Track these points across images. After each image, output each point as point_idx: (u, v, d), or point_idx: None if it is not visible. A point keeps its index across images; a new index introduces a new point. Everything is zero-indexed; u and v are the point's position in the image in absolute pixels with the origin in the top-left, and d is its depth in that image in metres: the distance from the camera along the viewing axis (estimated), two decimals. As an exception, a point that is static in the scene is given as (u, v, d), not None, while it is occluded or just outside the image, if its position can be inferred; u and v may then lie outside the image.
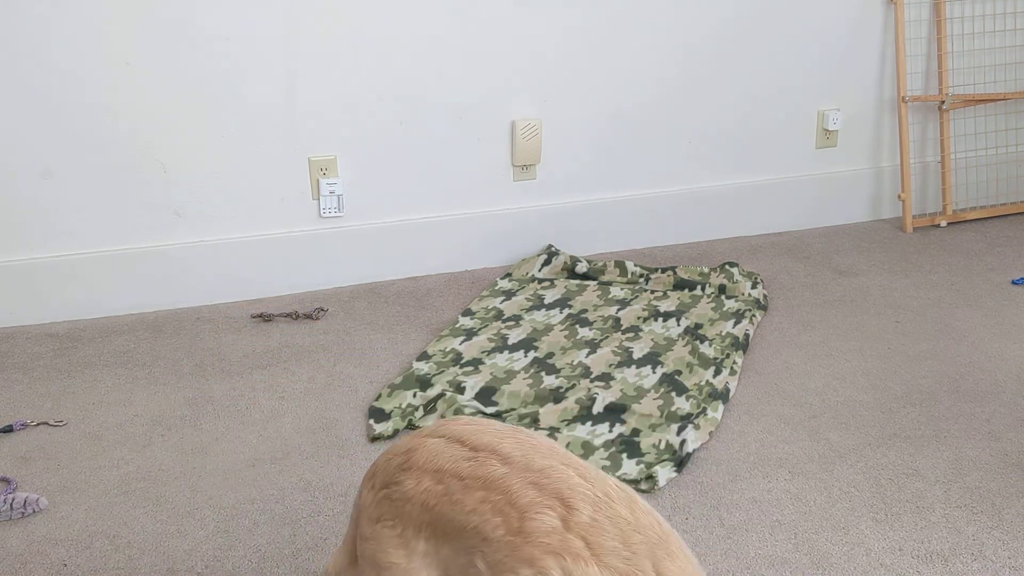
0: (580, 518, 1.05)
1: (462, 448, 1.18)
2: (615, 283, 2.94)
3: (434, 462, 1.18)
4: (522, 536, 1.06)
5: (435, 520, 1.15)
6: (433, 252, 3.08)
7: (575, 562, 1.02)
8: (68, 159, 2.69)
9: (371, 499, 1.22)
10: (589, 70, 3.08)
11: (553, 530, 1.05)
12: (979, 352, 2.49)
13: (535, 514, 1.07)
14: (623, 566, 1.01)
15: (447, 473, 1.15)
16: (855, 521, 1.83)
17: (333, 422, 2.21)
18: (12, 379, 2.45)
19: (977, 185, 3.59)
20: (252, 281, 2.93)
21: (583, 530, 1.05)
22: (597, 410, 2.20)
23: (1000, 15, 3.45)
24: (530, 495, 1.09)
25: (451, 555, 1.14)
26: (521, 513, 1.08)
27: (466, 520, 1.11)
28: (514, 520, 1.07)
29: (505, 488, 1.11)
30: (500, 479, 1.12)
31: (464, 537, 1.12)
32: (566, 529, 1.05)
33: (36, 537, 1.83)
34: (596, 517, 1.06)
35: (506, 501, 1.09)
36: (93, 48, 2.62)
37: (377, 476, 1.23)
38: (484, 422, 1.24)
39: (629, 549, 1.03)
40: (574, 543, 1.04)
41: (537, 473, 1.12)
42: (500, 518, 1.09)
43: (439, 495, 1.14)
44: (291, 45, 2.77)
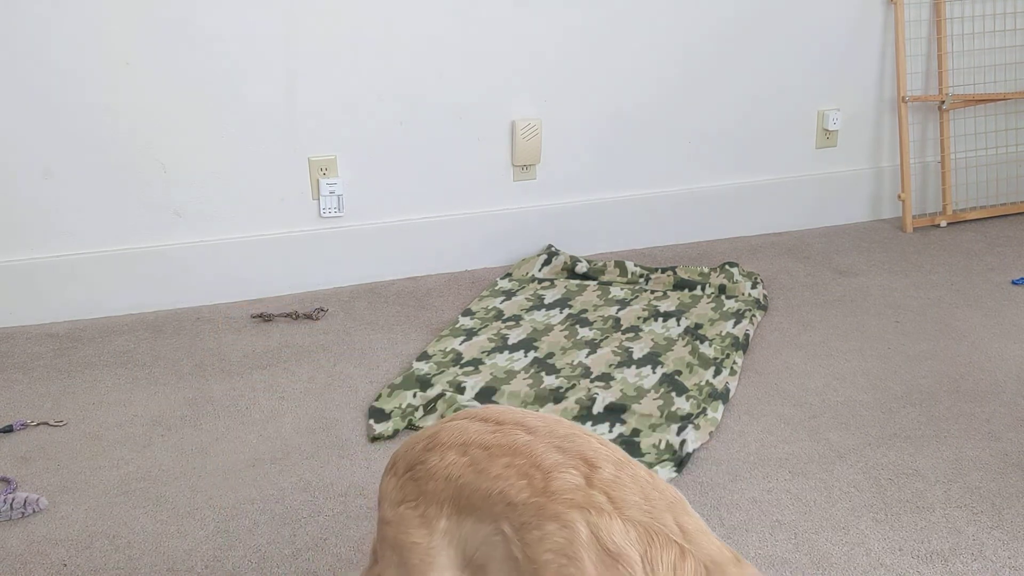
0: (603, 475, 1.07)
1: (487, 424, 1.19)
2: (615, 283, 2.94)
3: (459, 438, 1.18)
4: (547, 495, 1.07)
5: (458, 493, 1.14)
6: (433, 252, 3.08)
7: (599, 515, 1.03)
8: (68, 159, 2.69)
9: (393, 484, 1.21)
10: (589, 70, 3.08)
11: (577, 487, 1.06)
12: (979, 352, 2.49)
13: (559, 473, 1.08)
14: (645, 519, 1.03)
15: (472, 444, 1.16)
16: (855, 521, 1.83)
17: (333, 422, 2.21)
18: (12, 379, 2.45)
19: (977, 185, 3.59)
20: (252, 281, 2.93)
21: (606, 486, 1.06)
22: (597, 410, 2.20)
23: (1000, 15, 3.45)
24: (554, 457, 1.10)
25: (473, 528, 1.13)
26: (546, 474, 1.08)
27: (491, 486, 1.11)
28: (539, 481, 1.08)
29: (530, 452, 1.12)
30: (525, 445, 1.13)
31: (488, 505, 1.11)
32: (589, 486, 1.06)
33: (36, 537, 1.83)
34: (618, 475, 1.08)
35: (531, 464, 1.10)
36: (93, 48, 2.62)
37: (399, 463, 1.23)
38: (508, 407, 1.25)
39: (649, 503, 1.05)
40: (598, 498, 1.05)
41: (561, 439, 1.13)
42: (525, 480, 1.09)
43: (463, 466, 1.14)
44: (291, 45, 2.77)
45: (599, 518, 1.03)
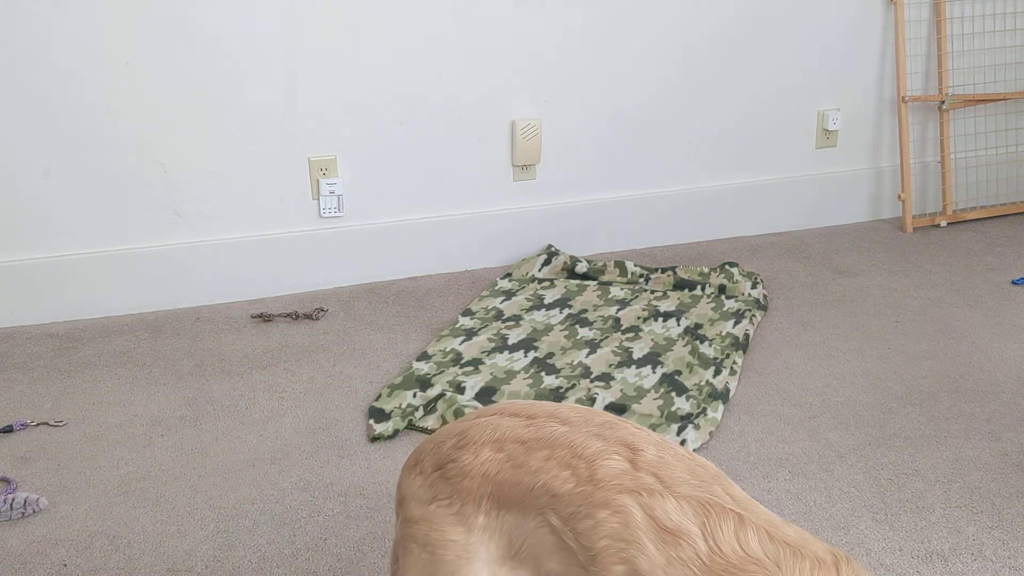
0: (647, 457, 1.07)
1: (519, 419, 1.17)
2: (615, 283, 2.94)
3: (492, 434, 1.16)
4: (593, 483, 1.06)
5: (497, 489, 1.12)
6: (433, 252, 3.08)
7: (651, 496, 1.03)
8: (68, 159, 2.69)
9: (421, 482, 1.19)
10: (589, 70, 3.08)
11: (624, 472, 1.06)
12: (979, 352, 2.49)
13: (603, 460, 1.07)
14: (697, 493, 1.03)
15: (507, 440, 1.14)
16: (855, 521, 1.83)
17: (333, 422, 2.21)
18: (12, 379, 2.45)
19: (977, 185, 3.59)
20: (252, 281, 2.93)
21: (652, 467, 1.06)
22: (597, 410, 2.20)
23: (1000, 15, 3.45)
24: (595, 445, 1.09)
25: (516, 522, 1.12)
26: (589, 462, 1.07)
27: (533, 480, 1.10)
28: (583, 470, 1.07)
29: (569, 443, 1.11)
30: (562, 436, 1.11)
31: (531, 498, 1.10)
32: (636, 469, 1.06)
33: (36, 537, 1.83)
34: (662, 455, 1.07)
35: (572, 454, 1.09)
36: (93, 48, 2.62)
37: (425, 461, 1.20)
38: (534, 401, 1.23)
39: (697, 479, 1.05)
40: (646, 479, 1.04)
41: (598, 427, 1.12)
42: (568, 471, 1.08)
43: (501, 462, 1.13)
44: (291, 45, 2.77)
45: (651, 499, 1.03)
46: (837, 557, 0.96)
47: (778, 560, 0.96)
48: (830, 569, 0.94)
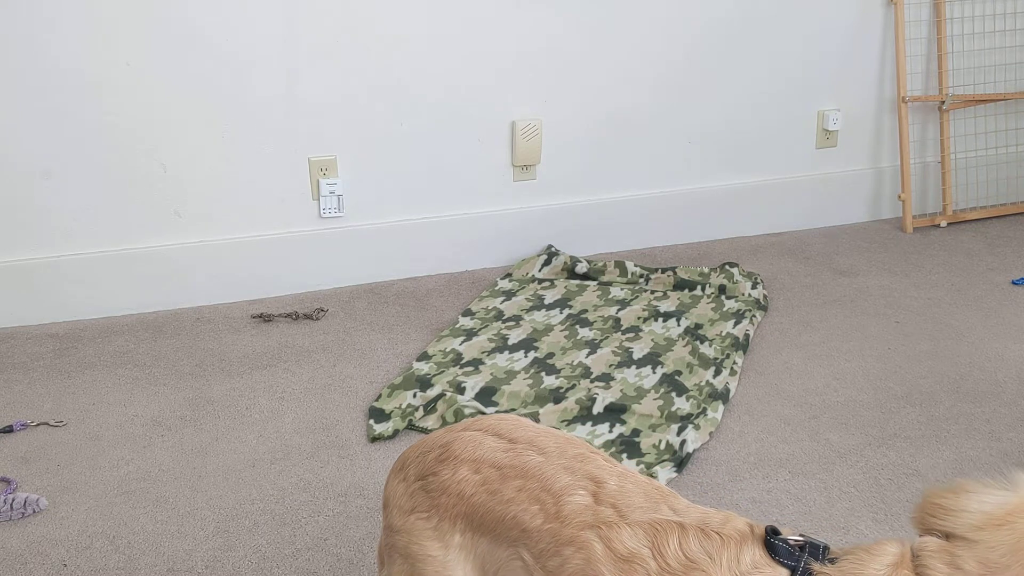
0: (609, 489, 1.13)
1: (500, 440, 1.21)
2: (615, 283, 2.94)
3: (472, 452, 1.20)
4: (559, 520, 1.11)
5: (472, 511, 1.16)
6: (433, 252, 3.08)
7: (609, 528, 1.09)
8: (68, 159, 2.69)
9: (403, 490, 1.22)
10: (589, 70, 3.08)
11: (586, 507, 1.12)
12: (979, 352, 2.49)
13: (569, 496, 1.13)
14: (647, 516, 1.10)
15: (485, 463, 1.18)
16: (855, 521, 1.83)
17: (333, 422, 2.21)
18: (12, 379, 2.45)
19: (977, 185, 3.59)
20: (252, 281, 2.92)
21: (612, 498, 1.12)
22: (597, 410, 2.20)
23: (1000, 15, 3.45)
24: (564, 480, 1.14)
25: (489, 548, 1.16)
26: (556, 498, 1.13)
27: (504, 510, 1.14)
28: (551, 506, 1.13)
29: (541, 476, 1.15)
30: (536, 467, 1.16)
31: (503, 528, 1.15)
32: (597, 502, 1.12)
33: (36, 537, 1.83)
34: (622, 485, 1.14)
35: (542, 488, 1.14)
36: (93, 48, 2.62)
37: (409, 468, 1.24)
38: (521, 420, 1.27)
39: (650, 500, 1.12)
40: (605, 512, 1.11)
41: (571, 459, 1.17)
42: (537, 506, 1.13)
43: (476, 484, 1.17)
44: (291, 45, 2.77)
45: (609, 531, 1.09)
46: (752, 526, 1.08)
47: (711, 552, 1.05)
48: (748, 537, 1.05)
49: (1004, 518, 0.99)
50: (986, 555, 0.98)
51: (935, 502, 1.04)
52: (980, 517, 1.00)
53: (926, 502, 1.05)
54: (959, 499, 1.02)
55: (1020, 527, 0.98)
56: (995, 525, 0.99)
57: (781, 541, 1.05)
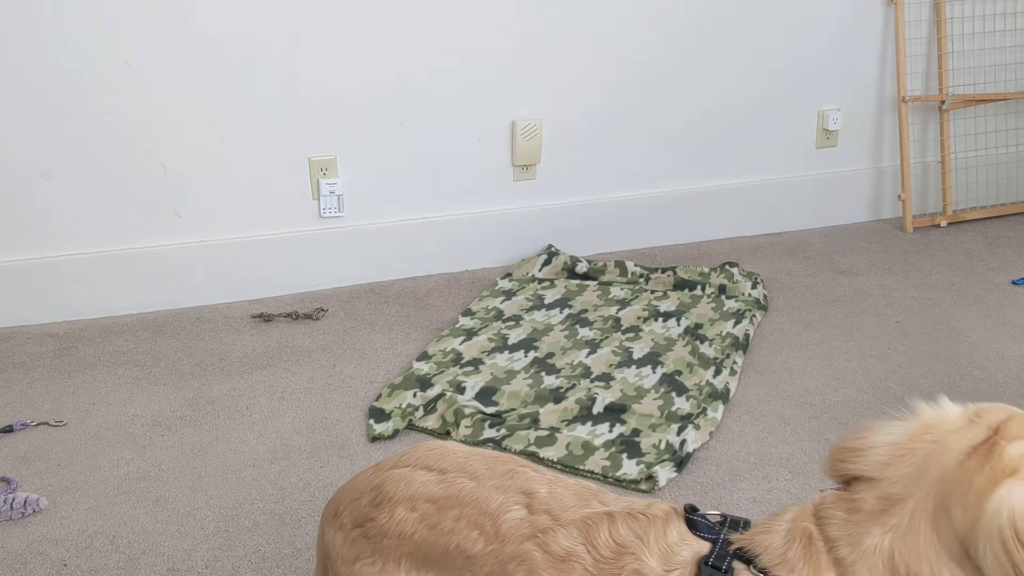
0: (541, 497, 1.14)
1: (430, 472, 1.20)
2: (615, 283, 2.94)
3: (405, 491, 1.19)
4: (500, 540, 1.12)
5: (415, 549, 1.16)
6: (433, 252, 3.08)
7: (545, 535, 1.11)
8: (68, 159, 2.69)
9: (343, 540, 1.21)
10: (589, 70, 3.08)
11: (522, 520, 1.13)
12: (979, 352, 2.49)
13: (505, 514, 1.13)
14: (579, 514, 1.11)
15: (419, 499, 1.17)
16: (855, 521, 1.82)
17: (333, 422, 2.21)
18: (12, 379, 2.45)
19: (977, 185, 3.59)
20: (252, 281, 2.92)
21: (545, 505, 1.13)
22: (597, 410, 2.20)
23: (1000, 15, 3.45)
24: (498, 499, 1.15)
25: None
26: (494, 519, 1.13)
27: (447, 541, 1.15)
28: (489, 528, 1.13)
29: (475, 500, 1.16)
30: (470, 493, 1.16)
31: (448, 559, 1.15)
32: (532, 513, 1.13)
33: (36, 537, 1.83)
34: (553, 490, 1.15)
35: (479, 512, 1.14)
36: (93, 48, 2.62)
37: (344, 516, 1.22)
38: (447, 446, 1.26)
39: (580, 499, 1.14)
40: (540, 520, 1.12)
41: (501, 477, 1.18)
42: (477, 531, 1.13)
43: (415, 522, 1.16)
44: (291, 45, 2.77)
45: (546, 536, 1.11)
46: (674, 507, 1.12)
47: (639, 533, 1.08)
48: (671, 515, 1.09)
49: (906, 446, 1.00)
50: (887, 490, 0.98)
51: (843, 447, 1.05)
52: (885, 451, 1.01)
53: (834, 449, 1.07)
54: (865, 439, 1.04)
55: (920, 453, 0.99)
56: (898, 456, 1.00)
57: (700, 517, 1.09)
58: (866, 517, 0.98)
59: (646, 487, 1.93)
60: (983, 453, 0.94)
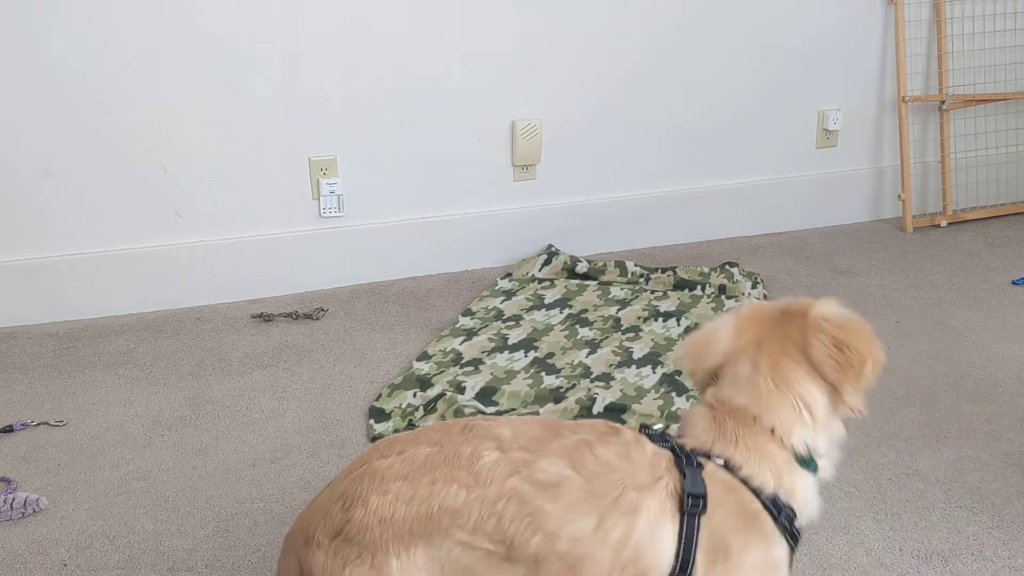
0: (506, 438, 1.20)
1: (390, 457, 1.21)
2: (615, 283, 2.94)
3: (371, 483, 1.19)
4: (481, 484, 1.16)
5: (399, 527, 1.16)
6: (433, 252, 3.08)
7: (527, 466, 1.17)
8: (68, 159, 2.69)
9: (323, 556, 1.18)
10: (589, 70, 3.08)
11: (498, 460, 1.18)
12: (979, 352, 2.49)
13: (479, 461, 1.18)
14: (556, 446, 1.20)
15: (388, 481, 1.18)
16: (855, 521, 1.83)
17: (333, 422, 2.21)
18: (12, 379, 2.45)
19: (977, 185, 3.59)
20: (252, 281, 2.92)
21: (516, 443, 1.20)
22: (597, 410, 2.20)
23: (1000, 15, 3.45)
24: (467, 451, 1.19)
25: (427, 553, 1.16)
26: (469, 469, 1.17)
27: (428, 507, 1.16)
28: (466, 478, 1.17)
29: (443, 460, 1.19)
30: (436, 456, 1.19)
31: (434, 523, 1.16)
32: (505, 452, 1.18)
33: (36, 537, 1.83)
34: (516, 430, 1.22)
35: (450, 467, 1.18)
36: (93, 48, 2.62)
37: (317, 534, 1.20)
38: (395, 437, 1.27)
39: (547, 431, 1.22)
40: (517, 456, 1.18)
41: (459, 435, 1.22)
42: (455, 485, 1.16)
43: (391, 503, 1.17)
44: (291, 45, 2.77)
45: (530, 468, 1.17)
46: (633, 429, 1.27)
47: (622, 454, 1.20)
48: (638, 435, 1.25)
49: (739, 326, 1.29)
50: (745, 355, 1.27)
51: (693, 350, 1.32)
52: (727, 335, 1.29)
53: (688, 352, 1.32)
54: (706, 337, 1.31)
55: (750, 324, 1.29)
56: (739, 333, 1.29)
57: (652, 432, 1.27)
58: (747, 378, 1.25)
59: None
60: (796, 305, 1.30)
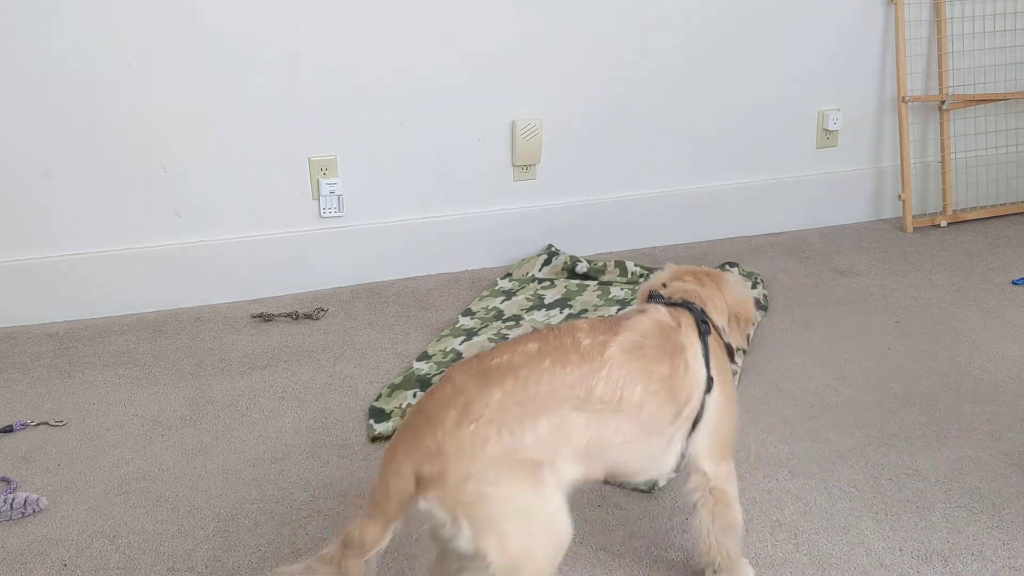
0: (584, 328, 1.48)
1: (476, 363, 1.40)
2: (615, 283, 2.94)
3: (501, 375, 1.36)
4: (587, 361, 1.41)
5: (530, 406, 1.34)
6: (433, 252, 3.08)
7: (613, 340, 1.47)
8: (68, 159, 2.69)
9: (463, 436, 1.29)
10: (589, 70, 3.08)
11: (591, 342, 1.44)
12: (979, 352, 2.49)
13: (578, 345, 1.43)
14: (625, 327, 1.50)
15: (515, 368, 1.37)
16: (855, 521, 1.83)
17: (333, 422, 2.21)
18: (12, 379, 2.45)
19: (977, 185, 3.59)
20: (252, 281, 2.93)
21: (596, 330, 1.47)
22: (597, 410, 2.19)
23: (1000, 15, 3.45)
24: (567, 341, 1.43)
25: (550, 420, 1.35)
26: (576, 351, 1.42)
27: (550, 387, 1.37)
28: (575, 358, 1.41)
29: (552, 350, 1.40)
30: (544, 348, 1.40)
31: (555, 400, 1.36)
32: (593, 337, 1.45)
33: (36, 537, 1.83)
34: (588, 323, 1.50)
35: (561, 353, 1.40)
36: (93, 48, 2.62)
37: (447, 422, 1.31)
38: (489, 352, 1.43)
39: (607, 324, 1.50)
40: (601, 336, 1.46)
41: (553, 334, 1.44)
42: (569, 365, 1.39)
43: (522, 386, 1.35)
44: (291, 45, 2.77)
45: (615, 342, 1.46)
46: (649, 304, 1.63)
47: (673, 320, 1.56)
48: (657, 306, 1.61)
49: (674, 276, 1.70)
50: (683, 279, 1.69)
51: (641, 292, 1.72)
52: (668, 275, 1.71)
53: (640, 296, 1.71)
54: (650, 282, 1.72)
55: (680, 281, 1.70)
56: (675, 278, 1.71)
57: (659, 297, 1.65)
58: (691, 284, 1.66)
59: (646, 487, 1.92)
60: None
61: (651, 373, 1.46)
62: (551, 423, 1.35)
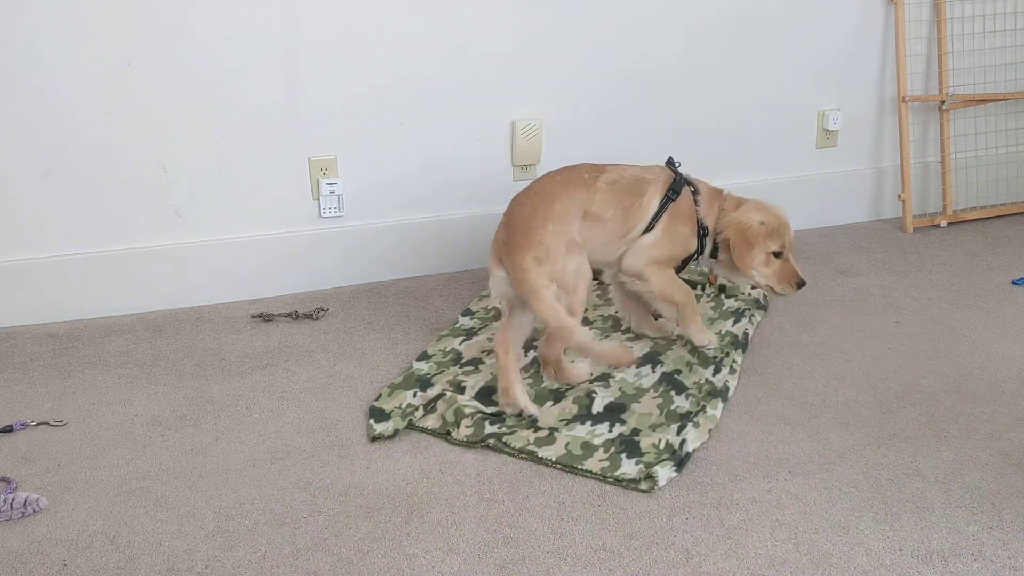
0: (589, 167, 2.41)
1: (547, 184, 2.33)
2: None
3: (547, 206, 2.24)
4: (597, 190, 2.33)
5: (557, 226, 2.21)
6: (433, 252, 3.08)
7: (613, 173, 2.39)
8: (67, 159, 2.69)
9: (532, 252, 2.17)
10: (589, 70, 3.08)
11: (594, 174, 2.38)
12: (979, 352, 2.49)
13: (592, 181, 2.34)
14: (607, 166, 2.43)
15: (555, 195, 2.27)
16: (855, 521, 1.83)
17: (333, 422, 2.21)
18: (12, 379, 2.45)
19: (977, 185, 3.60)
20: (252, 281, 2.93)
21: (600, 169, 2.40)
22: (596, 410, 2.20)
23: (1000, 15, 3.45)
24: (584, 176, 2.35)
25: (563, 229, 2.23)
26: (591, 172, 2.37)
27: (566, 203, 2.26)
28: (589, 184, 2.33)
29: (570, 181, 2.33)
30: (565, 180, 2.34)
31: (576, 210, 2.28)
32: (602, 171, 2.39)
33: (36, 537, 1.83)
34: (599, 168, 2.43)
35: (576, 185, 2.33)
36: (93, 48, 2.62)
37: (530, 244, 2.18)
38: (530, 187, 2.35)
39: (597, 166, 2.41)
40: (610, 175, 2.39)
41: (573, 171, 2.38)
42: (584, 191, 2.31)
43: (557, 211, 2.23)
44: (291, 45, 2.77)
45: (613, 174, 2.39)
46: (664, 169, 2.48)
47: (647, 167, 2.44)
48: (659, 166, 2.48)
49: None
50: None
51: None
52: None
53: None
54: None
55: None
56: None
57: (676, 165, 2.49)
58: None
59: (645, 486, 1.93)
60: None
61: (619, 203, 2.31)
62: (575, 226, 2.24)
